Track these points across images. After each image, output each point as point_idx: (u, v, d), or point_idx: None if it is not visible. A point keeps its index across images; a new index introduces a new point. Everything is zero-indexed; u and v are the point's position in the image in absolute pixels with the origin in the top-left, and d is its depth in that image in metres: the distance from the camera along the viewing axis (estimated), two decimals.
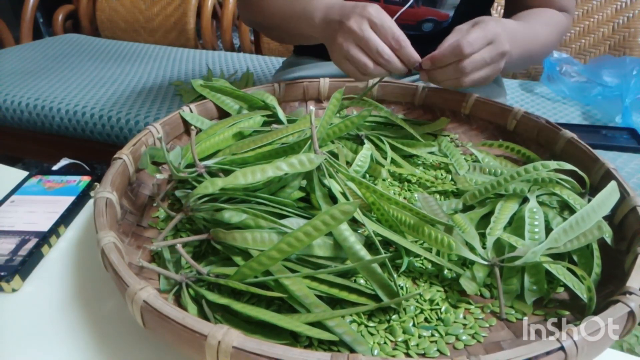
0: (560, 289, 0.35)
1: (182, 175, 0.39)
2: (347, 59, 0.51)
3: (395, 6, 0.68)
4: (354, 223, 0.37)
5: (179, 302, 0.33)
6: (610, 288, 0.33)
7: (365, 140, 0.51)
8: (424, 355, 0.29)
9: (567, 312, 0.32)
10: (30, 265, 0.39)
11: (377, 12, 0.49)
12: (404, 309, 0.32)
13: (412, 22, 0.70)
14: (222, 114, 0.55)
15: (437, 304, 0.33)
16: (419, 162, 0.53)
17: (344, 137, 0.52)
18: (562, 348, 0.24)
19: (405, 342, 0.30)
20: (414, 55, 0.49)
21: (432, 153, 0.54)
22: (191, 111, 0.52)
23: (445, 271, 0.36)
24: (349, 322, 0.31)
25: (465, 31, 0.49)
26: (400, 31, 0.49)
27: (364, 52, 0.50)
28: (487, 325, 0.32)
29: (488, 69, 0.50)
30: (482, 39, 0.48)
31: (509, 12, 0.71)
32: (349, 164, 0.48)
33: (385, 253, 0.33)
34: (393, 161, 0.51)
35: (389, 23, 0.49)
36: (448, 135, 0.57)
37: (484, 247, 0.36)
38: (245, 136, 0.49)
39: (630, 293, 0.28)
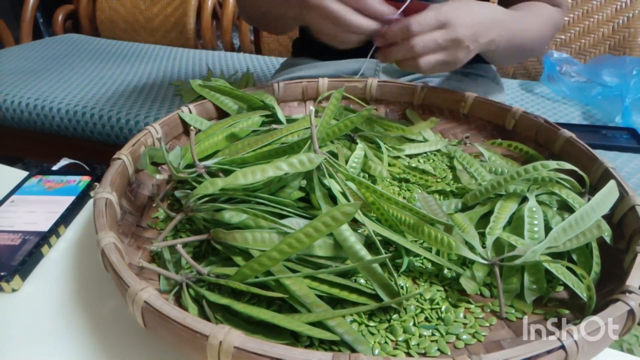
0: (560, 288, 0.35)
1: (182, 176, 0.39)
2: (318, 33, 0.51)
3: (396, 2, 0.67)
4: (354, 223, 0.37)
5: (179, 303, 0.33)
6: (609, 287, 0.33)
7: (359, 140, 0.51)
8: (424, 354, 0.29)
9: (566, 311, 0.33)
10: (30, 265, 0.39)
11: None
12: (405, 309, 0.33)
13: None
14: (222, 114, 0.55)
15: (438, 304, 0.33)
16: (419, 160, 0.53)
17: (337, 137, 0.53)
18: (562, 347, 0.24)
19: (406, 341, 0.30)
20: (379, 8, 0.48)
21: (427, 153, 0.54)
22: (190, 111, 0.52)
23: (445, 271, 0.36)
24: (350, 321, 0.31)
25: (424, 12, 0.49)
26: None
27: (330, 22, 0.48)
28: (488, 324, 0.32)
29: (442, 54, 0.49)
30: (432, 20, 0.47)
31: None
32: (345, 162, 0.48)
33: (385, 253, 0.33)
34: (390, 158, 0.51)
35: None
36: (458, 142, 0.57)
37: (483, 247, 0.36)
38: (245, 136, 0.49)
39: (630, 292, 0.28)
